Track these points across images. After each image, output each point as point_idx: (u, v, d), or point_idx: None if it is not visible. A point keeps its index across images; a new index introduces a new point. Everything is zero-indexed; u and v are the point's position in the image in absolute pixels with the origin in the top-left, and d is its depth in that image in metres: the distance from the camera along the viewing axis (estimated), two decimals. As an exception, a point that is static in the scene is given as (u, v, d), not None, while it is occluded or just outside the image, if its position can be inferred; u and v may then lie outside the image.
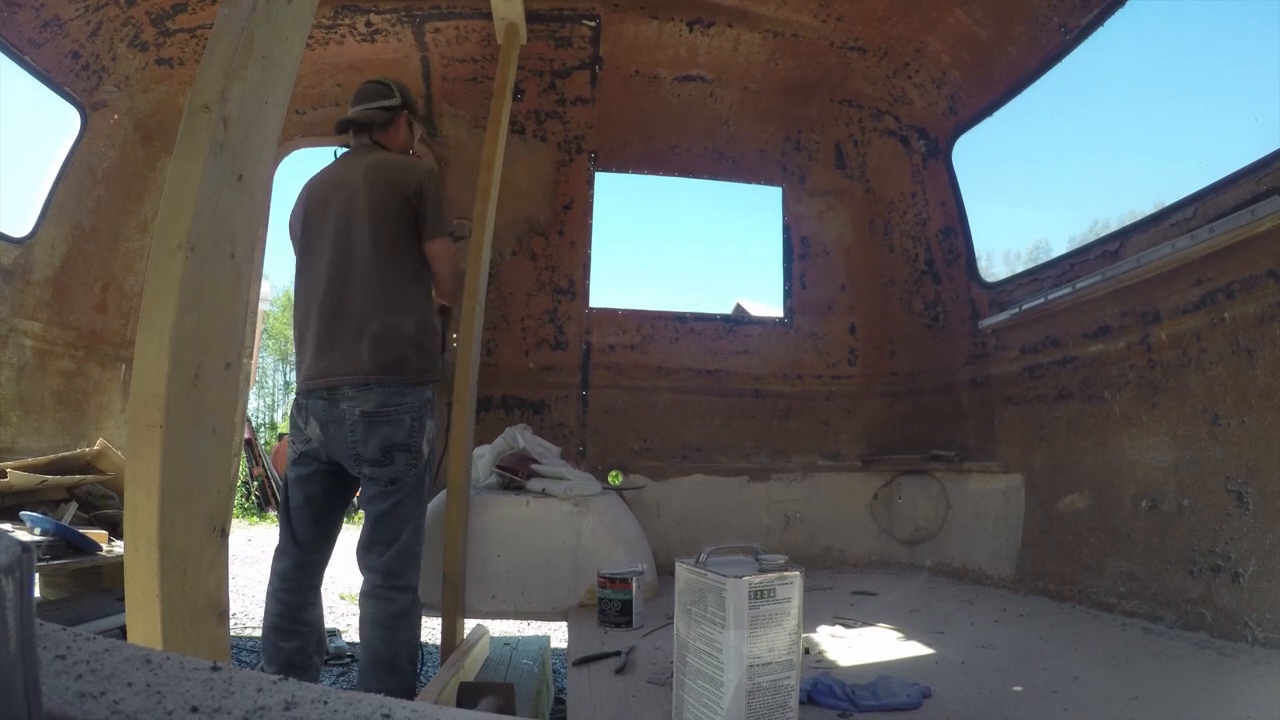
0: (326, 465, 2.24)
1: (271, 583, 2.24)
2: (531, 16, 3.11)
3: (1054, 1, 2.61)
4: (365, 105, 2.45)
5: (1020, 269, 3.09)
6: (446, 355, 2.88)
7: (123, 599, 0.95)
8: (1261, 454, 1.93)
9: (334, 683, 3.07)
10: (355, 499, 2.40)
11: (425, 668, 3.43)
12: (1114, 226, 2.59)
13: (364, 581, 2.22)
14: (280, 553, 2.27)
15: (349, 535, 2.44)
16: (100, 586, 2.76)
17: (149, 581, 0.91)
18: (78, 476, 2.85)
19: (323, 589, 2.34)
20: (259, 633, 3.40)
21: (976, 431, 3.25)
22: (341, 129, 2.49)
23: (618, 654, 1.90)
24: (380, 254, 2.22)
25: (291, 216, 2.41)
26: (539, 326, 3.62)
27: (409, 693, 2.16)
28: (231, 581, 2.13)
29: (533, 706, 2.43)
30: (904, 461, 3.58)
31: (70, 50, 2.87)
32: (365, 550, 2.22)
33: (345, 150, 2.47)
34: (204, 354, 0.99)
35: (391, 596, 2.17)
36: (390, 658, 2.15)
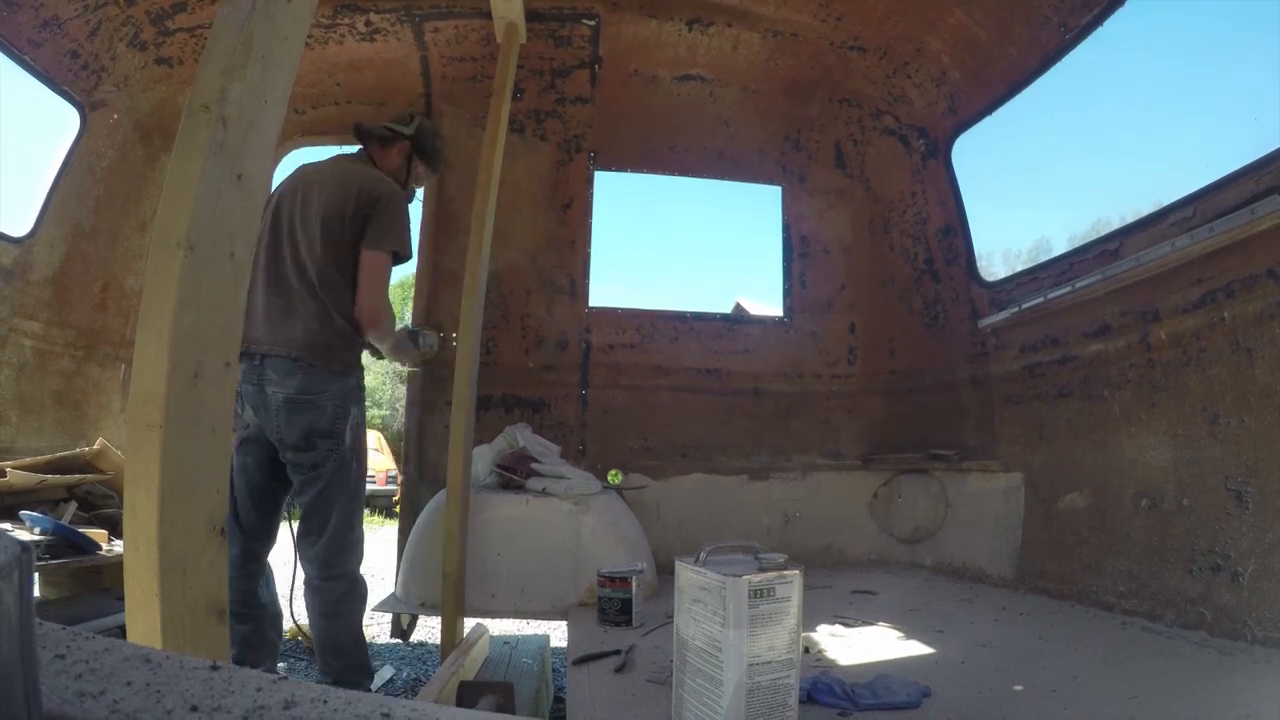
0: (266, 451, 2.29)
1: None
2: (531, 16, 3.11)
3: (1054, 1, 2.61)
4: (385, 122, 2.60)
5: (1020, 268, 3.09)
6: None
7: (122, 598, 0.95)
8: (1261, 453, 1.93)
9: (306, 674, 3.07)
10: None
11: (425, 666, 3.44)
12: (1114, 226, 2.59)
13: (304, 572, 2.31)
14: (229, 540, 2.29)
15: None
16: (100, 586, 2.76)
17: (148, 581, 0.91)
18: (77, 476, 2.85)
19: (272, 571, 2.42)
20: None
21: (976, 430, 3.25)
22: (353, 131, 2.61)
23: (617, 653, 1.91)
24: (326, 253, 2.28)
25: (271, 194, 2.46)
26: (539, 326, 3.62)
27: (360, 670, 2.31)
28: (231, 581, 2.15)
29: (532, 705, 2.43)
30: (904, 460, 3.58)
31: (69, 50, 2.87)
32: (300, 541, 2.31)
33: (342, 152, 2.58)
34: (203, 353, 0.99)
35: (327, 587, 2.26)
36: (334, 644, 2.27)
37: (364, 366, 2.46)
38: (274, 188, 2.48)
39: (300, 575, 2.40)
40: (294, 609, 2.60)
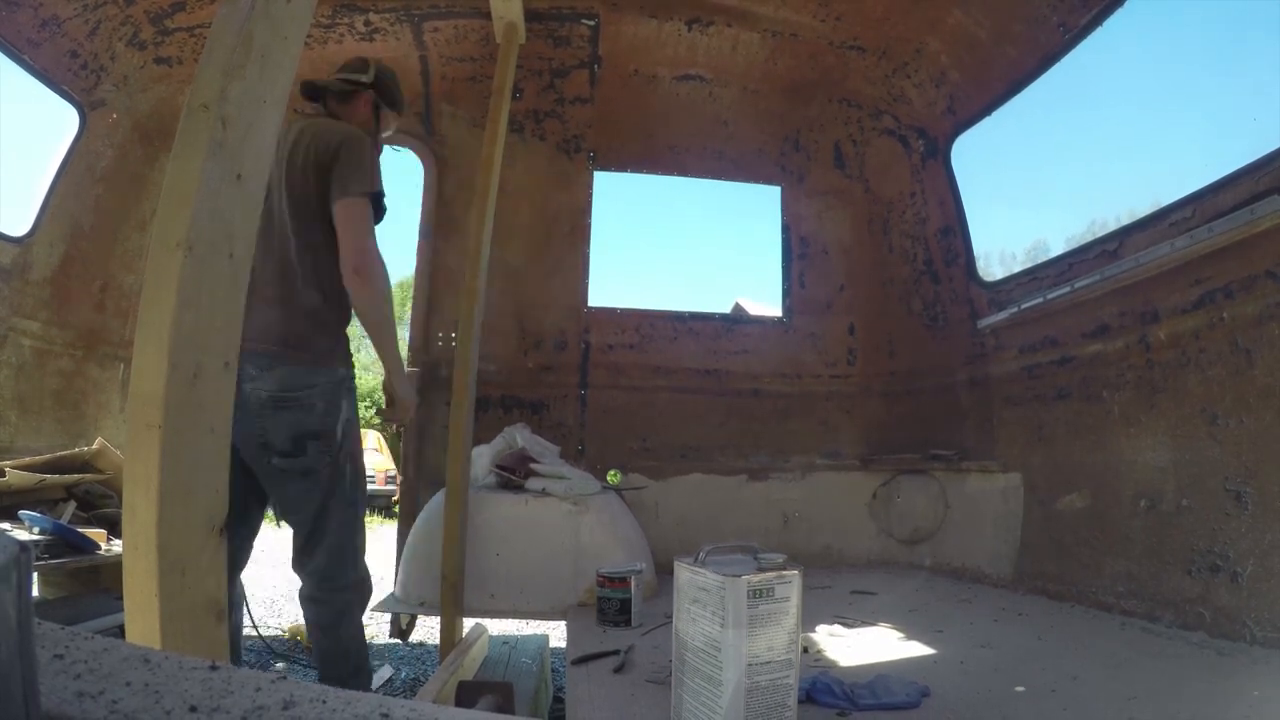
0: (238, 457, 1.95)
1: None
2: (530, 16, 3.11)
3: (1053, 1, 2.61)
4: (338, 75, 2.31)
5: (1017, 269, 3.10)
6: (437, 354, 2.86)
7: (121, 598, 0.95)
8: (1260, 454, 1.93)
9: (305, 674, 3.07)
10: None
11: (424, 666, 3.44)
12: (1112, 226, 2.59)
13: (302, 584, 2.10)
14: None
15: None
16: (99, 586, 2.76)
17: (148, 581, 0.91)
18: (76, 476, 2.85)
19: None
20: (255, 632, 3.40)
21: (975, 431, 3.25)
22: (303, 92, 2.28)
23: (616, 653, 1.90)
24: (295, 223, 2.01)
25: None
26: (538, 326, 3.62)
27: (363, 672, 2.14)
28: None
29: (532, 705, 2.43)
30: (903, 461, 3.58)
31: (69, 49, 2.86)
32: (298, 554, 2.08)
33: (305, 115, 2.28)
34: (203, 353, 0.99)
35: (329, 599, 2.07)
36: (338, 650, 2.08)
37: (354, 360, 2.19)
38: None
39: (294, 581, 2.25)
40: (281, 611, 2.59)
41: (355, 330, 2.28)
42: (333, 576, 2.06)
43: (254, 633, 3.39)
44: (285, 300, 1.99)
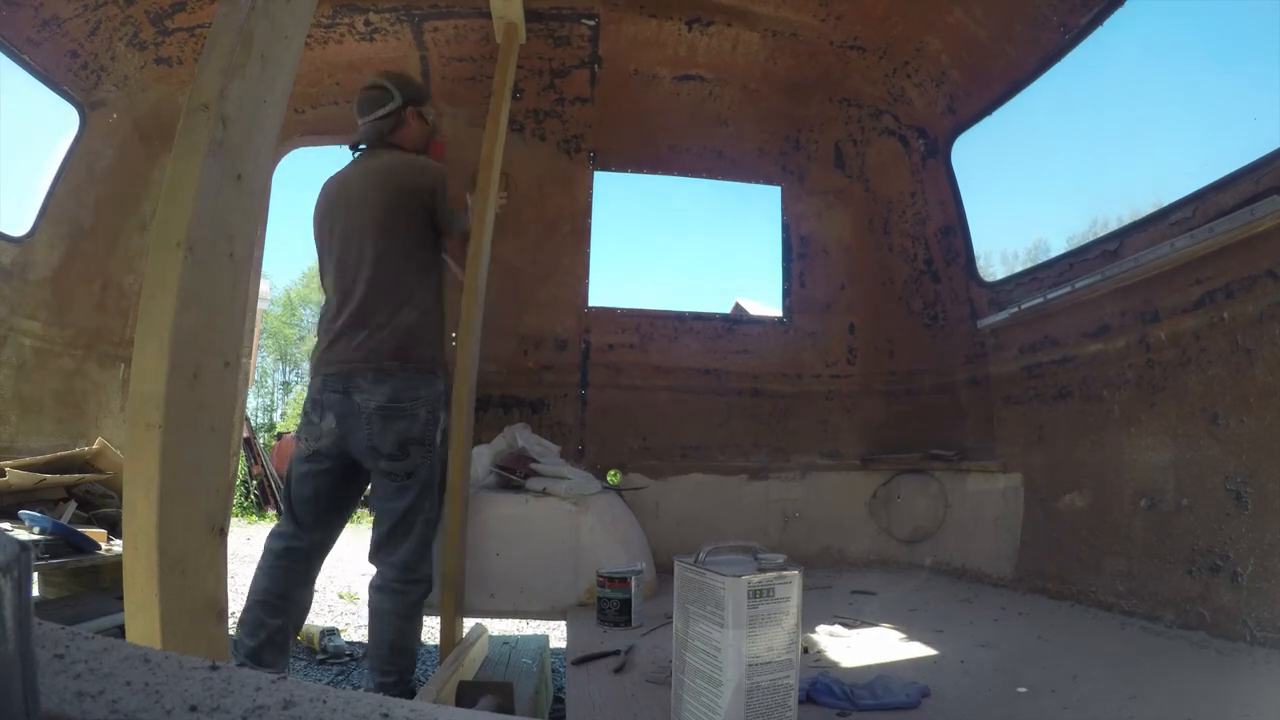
0: (340, 461, 2.29)
1: (265, 559, 2.28)
2: (530, 16, 3.11)
3: (1054, 1, 2.61)
4: (367, 119, 2.48)
5: (1019, 269, 3.10)
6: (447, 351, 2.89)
7: (121, 598, 0.95)
8: (1260, 453, 1.93)
9: (332, 681, 3.07)
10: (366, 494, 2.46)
11: (424, 666, 3.44)
12: (1113, 226, 2.59)
13: (378, 575, 2.29)
14: (279, 535, 2.31)
15: (352, 534, 2.46)
16: (99, 585, 2.76)
17: (148, 581, 0.91)
18: (76, 475, 2.85)
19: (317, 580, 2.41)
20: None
21: (975, 431, 3.25)
22: (354, 149, 2.53)
23: (617, 653, 1.90)
24: (393, 251, 2.30)
25: (314, 214, 2.49)
26: (538, 326, 3.62)
27: (412, 669, 2.33)
28: (230, 581, 2.15)
29: (532, 705, 2.43)
30: (903, 461, 3.58)
31: (69, 49, 2.86)
32: (381, 545, 2.29)
33: (361, 150, 2.51)
34: (203, 353, 0.99)
35: (408, 590, 2.27)
36: (404, 644, 2.28)
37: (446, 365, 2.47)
38: (314, 210, 2.48)
39: (364, 570, 2.45)
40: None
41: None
42: (415, 568, 2.28)
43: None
44: (389, 321, 2.25)
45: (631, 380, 3.68)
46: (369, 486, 2.40)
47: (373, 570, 2.35)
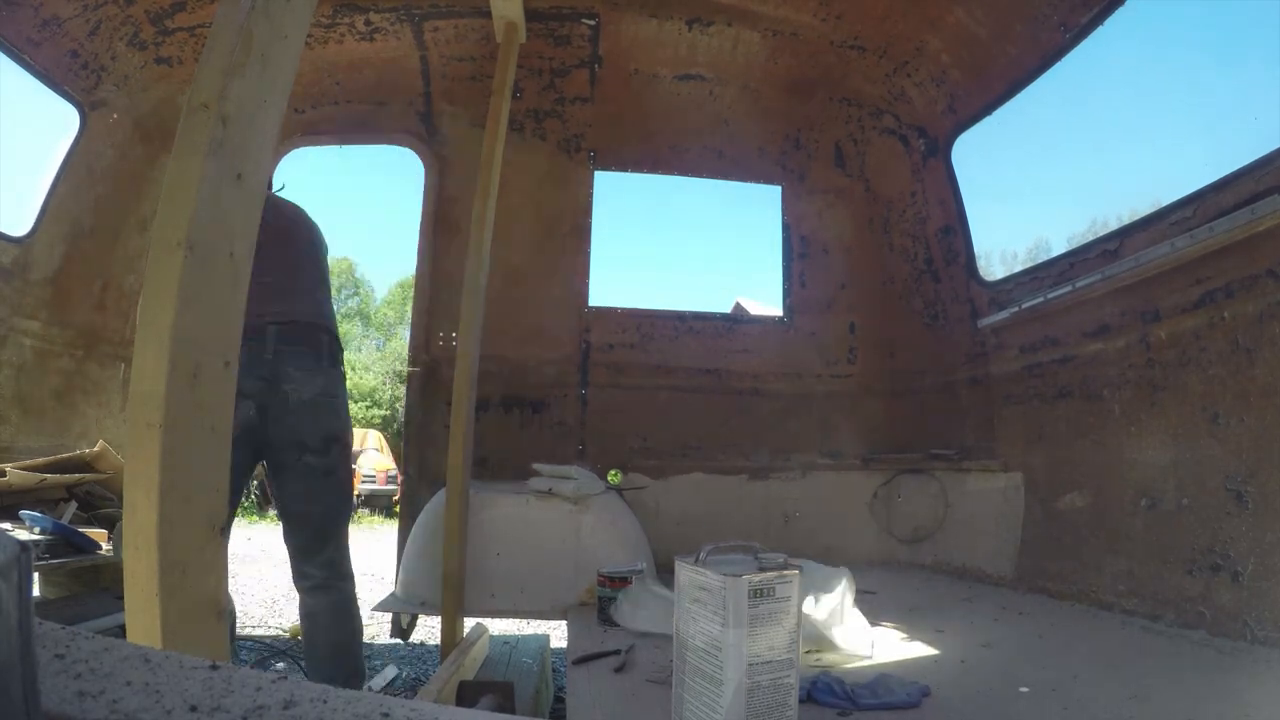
0: (247, 450, 2.15)
1: None
2: (531, 15, 3.11)
3: (1054, 1, 2.60)
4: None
5: (1018, 269, 3.09)
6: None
7: (122, 598, 0.95)
8: (1261, 453, 1.93)
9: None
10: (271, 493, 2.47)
11: (424, 666, 3.44)
12: (1113, 226, 2.59)
13: (306, 578, 2.25)
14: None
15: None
16: (99, 585, 2.76)
17: (148, 580, 0.91)
18: (77, 476, 2.85)
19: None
20: (257, 631, 3.40)
21: (976, 430, 3.25)
22: None
23: (617, 652, 1.90)
24: (308, 273, 2.40)
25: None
26: (538, 326, 3.62)
27: (360, 672, 2.33)
28: (231, 580, 2.16)
29: (532, 705, 2.43)
30: (903, 460, 3.58)
31: (69, 49, 2.86)
32: (307, 546, 2.25)
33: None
34: (203, 353, 0.99)
35: (340, 587, 2.28)
36: (347, 644, 2.28)
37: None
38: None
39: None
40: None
41: (350, 329, 2.47)
42: (340, 564, 2.29)
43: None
44: (314, 314, 2.28)
45: (632, 380, 3.68)
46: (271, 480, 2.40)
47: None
